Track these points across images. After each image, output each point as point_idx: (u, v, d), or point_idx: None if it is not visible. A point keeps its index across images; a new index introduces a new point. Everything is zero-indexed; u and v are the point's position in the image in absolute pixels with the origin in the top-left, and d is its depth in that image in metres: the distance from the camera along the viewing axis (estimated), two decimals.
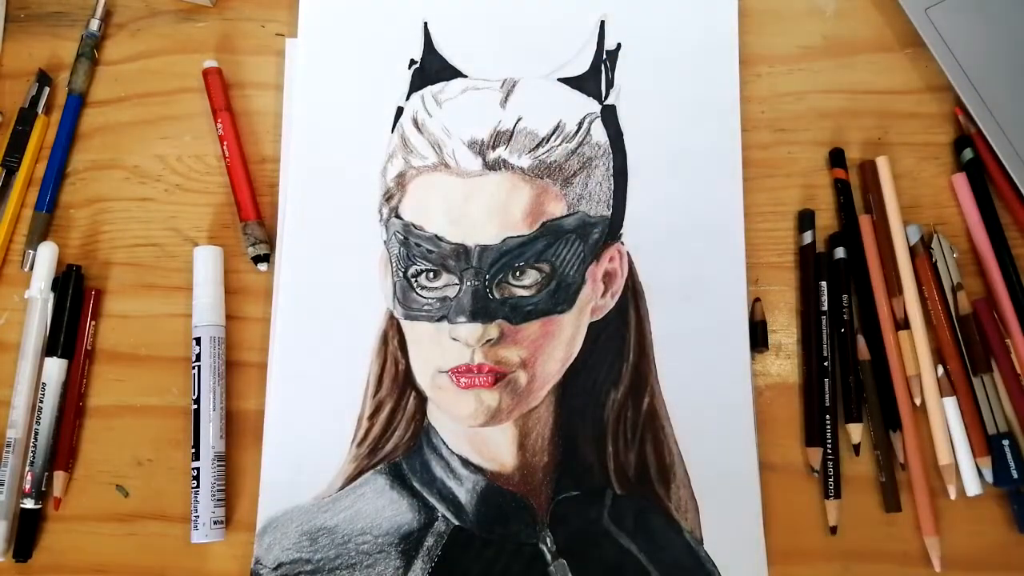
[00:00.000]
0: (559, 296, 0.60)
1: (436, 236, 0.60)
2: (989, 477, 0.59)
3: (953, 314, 0.61)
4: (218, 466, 0.59)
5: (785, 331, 0.62)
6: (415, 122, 0.63)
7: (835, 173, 0.64)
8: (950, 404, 0.60)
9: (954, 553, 0.58)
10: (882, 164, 0.64)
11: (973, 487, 0.59)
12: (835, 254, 0.62)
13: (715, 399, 0.59)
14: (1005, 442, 0.59)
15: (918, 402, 0.60)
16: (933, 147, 0.65)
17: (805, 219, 0.63)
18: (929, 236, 0.63)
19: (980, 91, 0.62)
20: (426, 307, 0.60)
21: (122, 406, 0.63)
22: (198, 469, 0.59)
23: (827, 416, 0.59)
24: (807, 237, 0.63)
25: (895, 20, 0.66)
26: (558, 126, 0.62)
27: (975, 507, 0.59)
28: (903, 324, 0.61)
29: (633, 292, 0.61)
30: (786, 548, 0.58)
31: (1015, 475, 0.58)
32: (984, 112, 0.62)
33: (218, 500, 0.59)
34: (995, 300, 0.61)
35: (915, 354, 0.61)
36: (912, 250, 0.62)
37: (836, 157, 0.64)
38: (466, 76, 0.64)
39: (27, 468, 0.60)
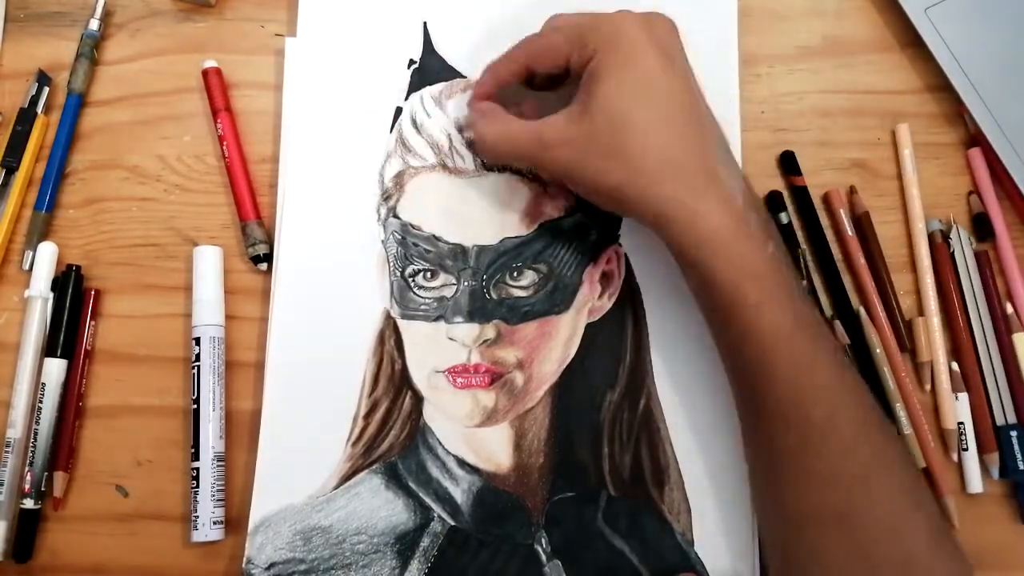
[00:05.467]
0: (556, 297, 0.60)
1: (434, 236, 0.60)
2: (995, 474, 0.59)
3: (969, 306, 0.62)
4: (218, 466, 0.59)
5: None
6: (414, 122, 0.63)
7: (793, 180, 0.64)
8: (962, 400, 0.60)
9: None
10: (902, 132, 0.64)
11: (976, 484, 0.59)
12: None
13: (711, 401, 0.59)
14: (1013, 433, 0.59)
15: (927, 388, 0.61)
16: (933, 147, 0.64)
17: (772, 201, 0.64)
18: (948, 227, 0.63)
19: (980, 91, 0.62)
20: (423, 307, 0.60)
21: (122, 406, 0.63)
22: (198, 469, 0.59)
23: None
24: (783, 218, 0.63)
25: (895, 20, 0.66)
26: None
27: (978, 504, 0.59)
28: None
29: (630, 294, 0.61)
30: None
31: (1022, 466, 0.58)
32: (984, 112, 0.62)
33: (218, 500, 0.59)
34: (1011, 291, 0.62)
35: (928, 342, 0.61)
36: (930, 238, 0.63)
37: (788, 162, 0.64)
38: (465, 76, 0.64)
39: (27, 468, 0.60)
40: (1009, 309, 0.61)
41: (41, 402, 0.61)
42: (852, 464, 0.49)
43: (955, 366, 0.61)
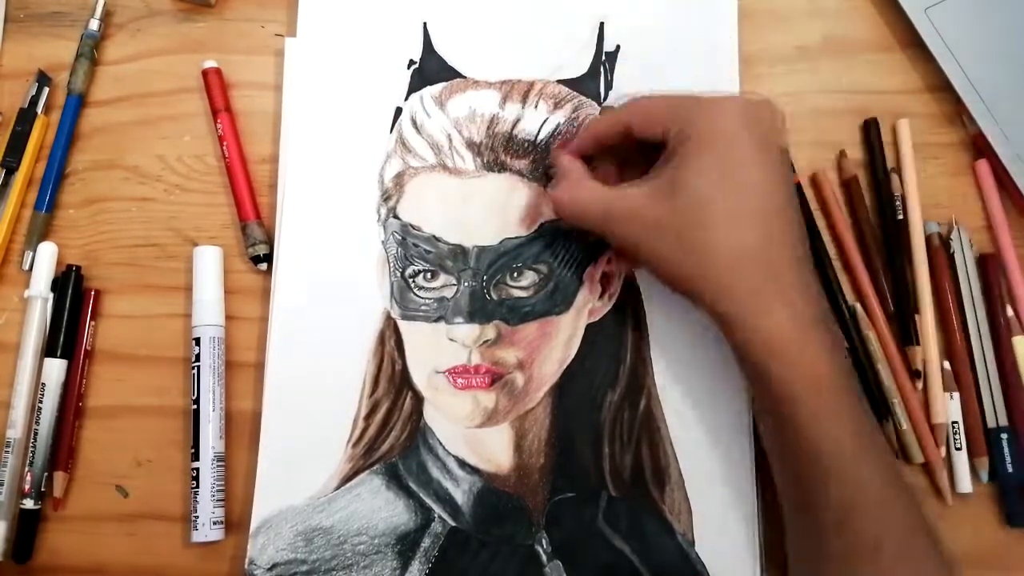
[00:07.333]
0: (557, 297, 0.60)
1: (434, 236, 0.60)
2: (984, 477, 0.59)
3: (966, 307, 0.61)
4: (218, 466, 0.59)
5: None
6: (414, 122, 0.63)
7: None
8: (954, 400, 0.60)
9: None
10: (902, 128, 0.64)
11: (965, 484, 0.59)
12: None
13: (712, 401, 0.59)
14: (1004, 436, 0.59)
15: (919, 387, 0.60)
16: (933, 147, 0.64)
17: None
18: (949, 228, 0.63)
19: (980, 91, 0.62)
20: (423, 307, 0.60)
21: (122, 406, 0.63)
22: (198, 469, 0.59)
23: None
24: None
25: (895, 20, 0.66)
26: (557, 127, 0.62)
27: (966, 505, 0.59)
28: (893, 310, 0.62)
29: (631, 294, 0.61)
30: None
31: (1011, 469, 0.58)
32: (984, 112, 0.62)
33: (218, 500, 0.59)
34: (1013, 295, 0.62)
35: (922, 339, 0.61)
36: (928, 241, 0.63)
37: None
38: (465, 77, 0.64)
39: (27, 468, 0.60)
40: (1009, 312, 0.61)
41: (41, 402, 0.61)
42: None
43: (947, 365, 0.61)
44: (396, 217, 0.62)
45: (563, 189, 0.56)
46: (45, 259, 0.64)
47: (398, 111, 0.64)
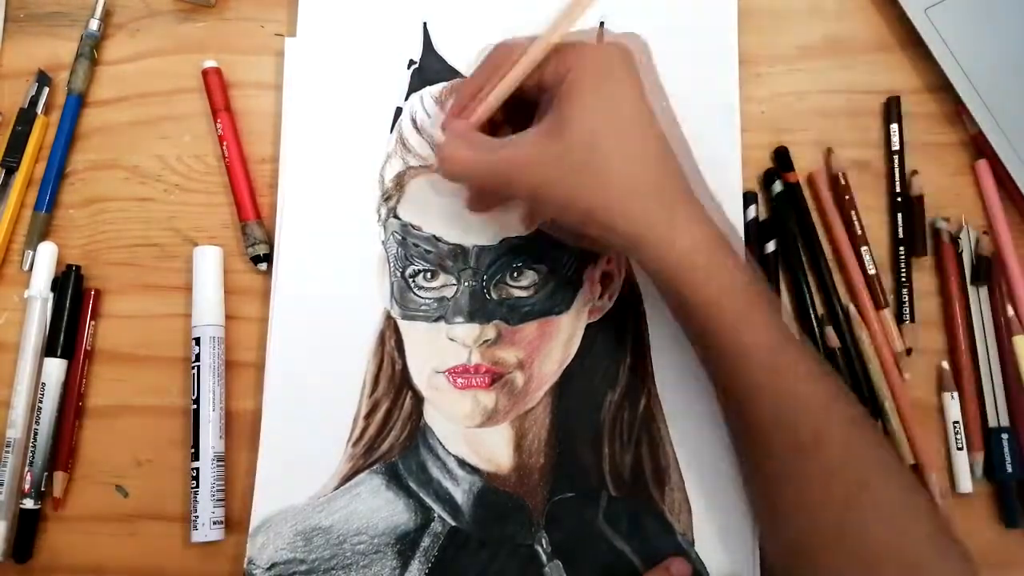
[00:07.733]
0: (557, 297, 0.60)
1: (434, 236, 0.60)
2: (978, 472, 0.59)
3: (972, 307, 0.62)
4: (217, 466, 0.59)
5: None
6: (414, 122, 0.63)
7: (786, 177, 0.63)
8: (954, 401, 0.60)
9: None
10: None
11: (965, 483, 0.59)
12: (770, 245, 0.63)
13: (712, 401, 0.58)
14: (1004, 436, 0.59)
15: (907, 376, 0.61)
16: (933, 147, 0.64)
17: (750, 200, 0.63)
18: (958, 227, 0.63)
19: (980, 91, 0.62)
20: (423, 307, 0.60)
21: (122, 406, 0.63)
22: (197, 469, 0.59)
23: None
24: (776, 187, 0.63)
25: (895, 20, 0.66)
26: None
27: (964, 505, 0.59)
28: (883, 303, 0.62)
29: (631, 294, 0.61)
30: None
31: (1010, 469, 0.58)
32: (984, 112, 0.62)
33: (218, 500, 0.59)
34: (1013, 294, 0.62)
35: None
36: (937, 237, 0.63)
37: (781, 158, 0.64)
38: (465, 77, 0.64)
39: (27, 468, 0.60)
40: (1010, 311, 0.61)
41: (41, 402, 0.61)
42: (844, 482, 0.49)
43: (945, 364, 0.61)
44: (396, 217, 0.62)
45: (449, 148, 0.54)
46: (45, 259, 0.64)
47: (398, 111, 0.64)
